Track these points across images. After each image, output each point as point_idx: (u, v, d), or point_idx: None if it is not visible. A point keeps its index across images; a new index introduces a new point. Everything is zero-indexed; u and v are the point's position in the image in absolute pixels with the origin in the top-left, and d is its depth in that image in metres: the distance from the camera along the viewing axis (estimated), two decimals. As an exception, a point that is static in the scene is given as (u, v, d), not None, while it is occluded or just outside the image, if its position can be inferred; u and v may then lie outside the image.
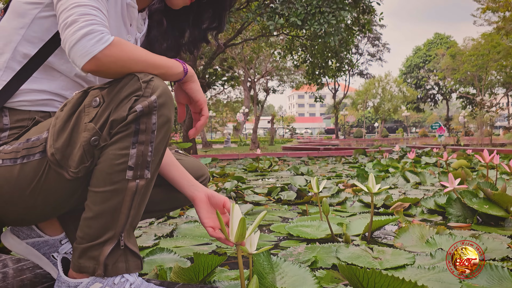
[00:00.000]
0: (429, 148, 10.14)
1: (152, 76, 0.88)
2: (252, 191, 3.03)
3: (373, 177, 1.74)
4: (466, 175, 3.60)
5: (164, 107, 0.88)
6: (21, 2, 0.96)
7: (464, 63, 32.46)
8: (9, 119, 0.95)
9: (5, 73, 0.95)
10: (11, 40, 0.96)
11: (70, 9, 0.83)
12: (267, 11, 7.35)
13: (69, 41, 0.81)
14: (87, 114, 0.86)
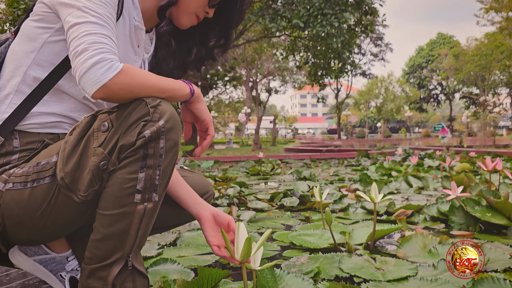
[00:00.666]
0: (432, 150, 10.14)
1: (160, 100, 0.90)
2: (255, 197, 3.04)
3: (376, 186, 1.75)
4: (469, 180, 3.60)
5: (171, 131, 0.89)
6: (32, 26, 0.98)
7: (467, 63, 32.39)
8: (19, 141, 0.97)
9: (15, 96, 0.97)
10: (21, 64, 0.98)
11: (81, 38, 0.85)
12: (270, 13, 7.36)
13: (80, 69, 0.83)
14: (96, 139, 0.88)
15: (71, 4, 0.90)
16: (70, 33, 0.88)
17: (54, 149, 0.94)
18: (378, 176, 4.47)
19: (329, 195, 3.06)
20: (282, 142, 31.46)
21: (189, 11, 1.13)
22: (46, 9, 0.97)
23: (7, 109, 0.97)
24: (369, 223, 2.30)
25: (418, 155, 8.51)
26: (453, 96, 44.56)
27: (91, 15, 0.88)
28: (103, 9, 0.91)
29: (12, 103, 0.97)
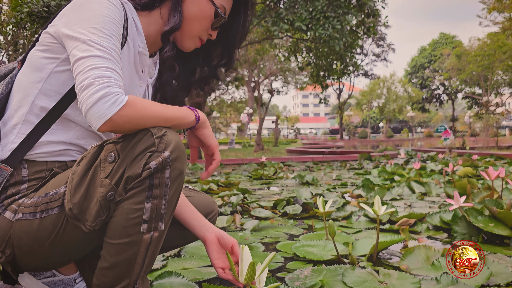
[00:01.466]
0: (435, 152, 10.12)
1: (165, 130, 0.91)
2: (258, 205, 3.05)
3: (379, 200, 1.76)
4: (471, 185, 3.60)
5: (177, 161, 0.91)
6: (38, 56, 1.00)
7: (470, 63, 32.33)
8: (27, 171, 0.99)
9: (23, 126, 0.99)
10: (28, 94, 0.99)
11: (86, 72, 0.86)
12: (272, 17, 7.37)
13: (86, 103, 0.85)
14: (103, 169, 0.89)
15: (76, 38, 0.91)
16: (76, 66, 0.89)
17: (62, 179, 0.96)
18: (381, 181, 4.48)
19: (332, 202, 3.07)
20: (284, 143, 31.47)
21: (192, 34, 1.15)
22: (52, 40, 0.99)
23: (15, 139, 0.98)
24: (372, 233, 2.31)
25: (421, 157, 8.51)
26: (456, 96, 44.47)
27: (96, 48, 0.89)
28: (108, 42, 0.92)
29: (20, 133, 0.99)
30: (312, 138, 53.39)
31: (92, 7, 0.94)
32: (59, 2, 7.24)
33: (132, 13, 1.07)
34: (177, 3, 1.10)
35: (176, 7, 1.10)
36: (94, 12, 0.94)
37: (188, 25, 1.13)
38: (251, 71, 22.26)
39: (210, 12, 1.13)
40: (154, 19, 1.12)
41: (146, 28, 1.12)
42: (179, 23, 1.10)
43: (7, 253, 0.95)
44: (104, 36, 0.92)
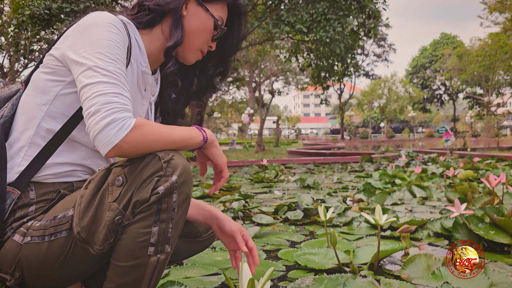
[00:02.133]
0: (436, 154, 10.12)
1: (172, 154, 0.92)
2: (259, 210, 3.06)
3: (380, 209, 1.77)
4: (472, 189, 3.61)
5: (184, 185, 0.92)
6: (43, 78, 1.01)
7: (471, 63, 32.30)
8: (35, 193, 0.99)
9: (29, 149, 0.99)
10: (34, 116, 1.00)
11: (93, 99, 0.88)
12: (273, 19, 7.38)
13: (93, 130, 0.86)
14: (111, 193, 0.90)
15: (82, 63, 0.93)
16: (83, 93, 0.90)
17: (70, 201, 0.97)
18: (382, 185, 4.49)
19: (333, 208, 3.07)
20: (285, 143, 31.46)
21: (194, 48, 1.16)
22: (56, 63, 1.00)
23: (22, 162, 0.99)
24: (373, 239, 2.31)
25: (422, 159, 8.51)
26: (457, 96, 44.44)
27: (102, 74, 0.91)
28: (113, 66, 0.93)
29: (26, 155, 0.99)
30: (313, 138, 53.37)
31: (97, 32, 0.95)
32: (61, 4, 7.27)
33: (134, 33, 1.08)
34: (178, 19, 1.11)
35: (177, 22, 1.11)
36: (99, 37, 0.95)
37: (189, 39, 1.14)
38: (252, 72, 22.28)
39: (210, 25, 1.16)
40: (156, 36, 1.14)
41: (148, 46, 1.13)
42: (181, 38, 1.11)
43: (16, 275, 0.96)
44: (109, 61, 0.93)
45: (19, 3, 7.78)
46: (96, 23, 0.97)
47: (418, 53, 47.88)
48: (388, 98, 42.78)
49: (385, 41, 37.21)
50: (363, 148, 22.35)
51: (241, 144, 29.89)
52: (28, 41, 22.79)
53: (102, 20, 0.97)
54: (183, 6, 1.13)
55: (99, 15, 0.99)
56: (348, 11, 7.56)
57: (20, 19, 7.54)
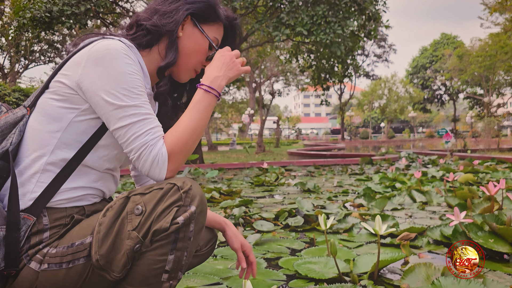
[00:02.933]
0: (436, 156, 10.13)
1: (190, 184, 0.96)
2: (260, 216, 3.07)
3: (380, 219, 1.78)
4: (472, 194, 3.62)
5: (200, 215, 0.95)
6: (55, 105, 1.01)
7: (471, 63, 32.29)
8: (48, 218, 1.00)
9: (42, 175, 1.00)
10: (47, 143, 1.00)
11: (130, 143, 0.98)
12: (273, 22, 7.39)
13: (143, 171, 0.99)
14: (130, 221, 0.92)
15: (110, 102, 0.96)
16: (119, 135, 0.98)
17: (87, 228, 0.98)
18: (382, 189, 4.50)
19: (333, 214, 3.09)
20: (285, 144, 31.49)
21: (188, 68, 1.20)
22: (68, 90, 1.00)
23: (35, 188, 0.99)
24: (373, 247, 2.33)
25: (422, 161, 8.52)
26: (457, 96, 44.42)
27: (132, 113, 0.97)
28: (139, 100, 0.99)
29: (39, 181, 0.99)
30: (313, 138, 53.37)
31: (116, 65, 0.97)
32: (61, 7, 7.28)
33: (138, 56, 1.10)
34: (173, 40, 1.13)
35: (172, 44, 1.13)
36: (119, 70, 0.97)
37: (184, 60, 1.17)
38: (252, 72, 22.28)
39: (205, 46, 1.18)
40: (153, 56, 1.16)
41: (148, 66, 1.15)
42: (174, 59, 1.13)
43: None
44: (135, 96, 0.98)
45: (20, 6, 7.79)
46: (112, 54, 0.98)
47: (419, 53, 47.85)
48: (388, 98, 42.78)
49: (386, 42, 37.20)
50: (363, 149, 22.38)
51: (242, 145, 29.94)
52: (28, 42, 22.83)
53: (117, 51, 0.99)
54: (180, 27, 1.15)
55: (111, 44, 1.00)
56: (348, 14, 7.57)
57: (21, 22, 7.56)
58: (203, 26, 1.18)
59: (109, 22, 10.85)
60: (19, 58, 26.07)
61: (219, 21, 1.21)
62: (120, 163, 1.15)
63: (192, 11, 1.16)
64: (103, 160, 1.06)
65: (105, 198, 1.16)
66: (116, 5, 9.44)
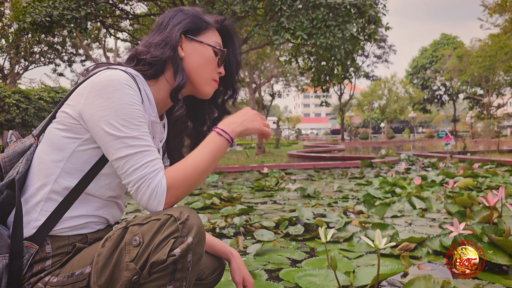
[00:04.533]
0: (436, 158, 10.14)
1: (188, 215, 0.96)
2: (260, 225, 3.09)
3: (380, 233, 1.80)
4: (472, 200, 3.63)
5: (198, 245, 0.96)
6: (59, 135, 1.03)
7: (471, 64, 32.32)
8: (51, 246, 1.01)
9: (46, 204, 1.01)
10: (51, 173, 1.02)
11: (129, 175, 0.98)
12: (273, 26, 7.40)
13: (141, 203, 1.00)
14: (128, 253, 0.93)
15: (109, 133, 0.97)
16: (117, 166, 0.99)
17: (87, 257, 1.00)
18: (382, 194, 4.51)
19: (333, 222, 3.11)
20: (285, 144, 31.51)
21: (206, 80, 1.20)
22: (72, 120, 1.02)
23: (39, 217, 1.01)
24: (373, 257, 2.34)
25: (422, 164, 8.53)
26: (457, 96, 44.46)
27: (130, 145, 0.98)
28: (138, 131, 1.00)
29: (43, 210, 1.01)
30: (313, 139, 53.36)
31: (116, 96, 0.98)
32: (62, 11, 7.29)
33: (143, 85, 1.11)
34: (178, 65, 1.14)
35: (177, 68, 1.14)
36: (119, 101, 0.98)
37: (197, 75, 1.18)
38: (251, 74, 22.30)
39: (210, 54, 1.19)
40: (162, 85, 1.17)
41: (156, 95, 1.16)
42: (183, 79, 1.14)
43: None
44: (134, 127, 0.99)
45: (20, 9, 7.80)
46: (113, 84, 0.99)
47: (418, 54, 47.89)
48: (388, 98, 42.78)
49: (385, 42, 37.22)
50: (363, 150, 22.39)
51: (242, 145, 29.96)
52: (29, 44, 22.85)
53: (119, 81, 1.00)
54: (178, 48, 1.16)
55: (113, 75, 1.01)
56: (348, 17, 7.58)
57: (22, 26, 7.57)
58: (199, 37, 1.19)
59: (109, 24, 10.87)
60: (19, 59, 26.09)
61: (210, 26, 1.22)
62: (124, 191, 1.16)
63: (183, 29, 1.17)
64: (105, 189, 1.08)
65: (110, 225, 1.17)
66: (116, 8, 9.46)
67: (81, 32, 7.81)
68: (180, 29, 1.16)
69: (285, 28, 7.37)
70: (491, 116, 22.56)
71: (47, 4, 7.56)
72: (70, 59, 28.41)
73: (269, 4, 7.72)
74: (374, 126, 62.70)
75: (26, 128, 15.16)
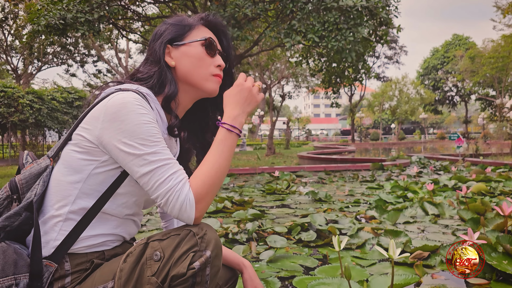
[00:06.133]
0: (448, 161, 10.06)
1: (206, 229, 1.00)
2: (273, 230, 3.10)
3: (394, 244, 1.80)
4: (485, 207, 3.60)
5: (216, 259, 0.99)
6: (76, 157, 1.06)
7: (484, 65, 31.97)
8: (70, 264, 1.04)
9: (65, 224, 1.04)
10: (69, 194, 1.05)
11: (156, 189, 1.00)
12: (284, 29, 7.41)
13: (172, 215, 1.02)
14: (149, 267, 0.96)
15: (130, 153, 1.00)
16: (143, 183, 1.01)
17: (108, 273, 1.02)
18: (394, 199, 4.50)
19: (345, 229, 3.11)
20: (295, 145, 31.45)
21: (203, 78, 1.19)
22: (89, 144, 1.05)
23: (58, 236, 1.04)
24: (387, 266, 2.34)
25: (433, 168, 8.47)
26: (469, 97, 44.02)
27: (152, 161, 1.00)
28: (158, 147, 1.02)
29: (62, 230, 1.04)
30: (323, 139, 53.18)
31: (131, 117, 1.00)
32: (75, 14, 7.38)
33: (155, 104, 1.13)
34: (166, 76, 1.16)
35: (165, 79, 1.16)
36: (134, 122, 1.00)
37: (194, 75, 1.18)
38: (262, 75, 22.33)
39: (199, 50, 1.18)
40: None
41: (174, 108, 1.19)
42: (172, 89, 1.15)
43: None
44: (152, 144, 1.01)
45: (34, 12, 7.90)
46: (127, 107, 1.01)
47: (430, 55, 47.52)
48: (399, 99, 42.51)
49: (396, 43, 37.00)
50: (374, 151, 22.27)
51: (252, 146, 29.99)
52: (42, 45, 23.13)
53: (131, 103, 1.02)
54: (167, 59, 1.17)
55: (126, 98, 1.03)
56: (359, 20, 7.56)
57: (36, 28, 7.67)
58: (184, 40, 1.19)
59: (121, 25, 10.96)
60: (33, 60, 26.44)
61: (194, 26, 1.21)
62: (140, 208, 1.20)
63: (166, 40, 1.18)
64: (122, 207, 1.11)
65: (126, 241, 1.20)
66: (128, 10, 9.54)
67: (94, 35, 7.89)
68: (163, 41, 1.17)
69: (297, 30, 7.37)
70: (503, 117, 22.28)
71: (61, 7, 7.65)
72: (82, 59, 28.74)
73: (281, 6, 7.72)
74: (385, 127, 62.31)
75: (39, 128, 15.37)
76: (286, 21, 8.26)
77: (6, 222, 1.01)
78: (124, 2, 9.05)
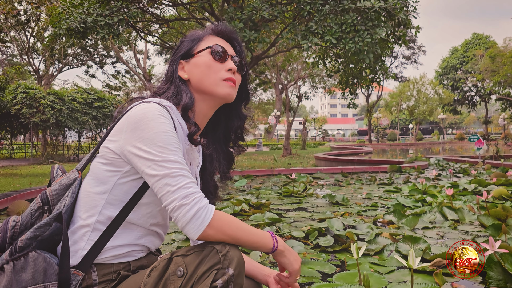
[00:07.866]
0: (467, 163, 9.90)
1: (229, 247, 1.01)
2: (290, 234, 3.11)
3: (414, 253, 1.79)
4: (507, 212, 3.55)
5: (238, 277, 1.00)
6: (102, 169, 1.10)
7: (505, 64, 31.35)
8: (97, 274, 1.08)
9: (92, 234, 1.08)
10: (96, 204, 1.09)
11: (172, 193, 1.00)
12: (302, 31, 7.40)
13: (181, 221, 1.00)
14: (173, 283, 0.98)
15: (148, 159, 1.02)
16: (158, 188, 1.02)
17: (133, 286, 1.05)
18: (412, 203, 4.46)
19: (363, 234, 3.10)
20: (312, 146, 31.37)
21: (213, 83, 1.20)
22: (113, 155, 1.09)
23: (86, 246, 1.08)
24: (405, 273, 2.33)
25: (452, 170, 8.36)
26: (489, 98, 43.19)
27: (169, 167, 1.02)
28: (175, 155, 1.04)
29: (89, 239, 1.08)
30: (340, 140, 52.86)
31: (151, 126, 1.04)
32: (95, 18, 7.50)
33: (176, 115, 1.16)
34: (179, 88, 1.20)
35: (180, 90, 1.20)
36: (154, 130, 1.04)
37: (204, 82, 1.20)
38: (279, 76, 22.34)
39: (207, 59, 1.21)
40: None
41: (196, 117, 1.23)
42: (187, 99, 1.18)
43: None
44: (170, 152, 1.04)
45: (56, 16, 8.06)
46: (147, 116, 1.05)
47: (449, 54, 46.79)
48: (417, 99, 41.96)
49: (415, 43, 36.54)
50: (391, 152, 22.06)
51: (268, 146, 30.00)
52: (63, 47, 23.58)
53: (152, 113, 1.06)
54: (179, 73, 1.22)
55: (146, 108, 1.07)
56: (377, 21, 7.49)
57: (57, 32, 7.82)
58: (193, 51, 1.23)
59: (139, 28, 11.09)
60: (54, 61, 26.97)
61: (203, 37, 1.25)
62: (166, 220, 1.22)
63: (178, 56, 1.23)
64: (147, 217, 1.14)
65: (151, 252, 1.23)
66: (146, 12, 9.65)
67: (113, 38, 8.01)
68: (176, 57, 1.23)
69: (314, 32, 7.35)
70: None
71: (82, 10, 7.78)
72: (101, 61, 29.21)
73: (298, 8, 7.71)
74: (402, 127, 61.60)
75: (59, 129, 15.64)
76: (303, 22, 8.24)
77: (37, 232, 1.05)
78: (143, 5, 9.16)
